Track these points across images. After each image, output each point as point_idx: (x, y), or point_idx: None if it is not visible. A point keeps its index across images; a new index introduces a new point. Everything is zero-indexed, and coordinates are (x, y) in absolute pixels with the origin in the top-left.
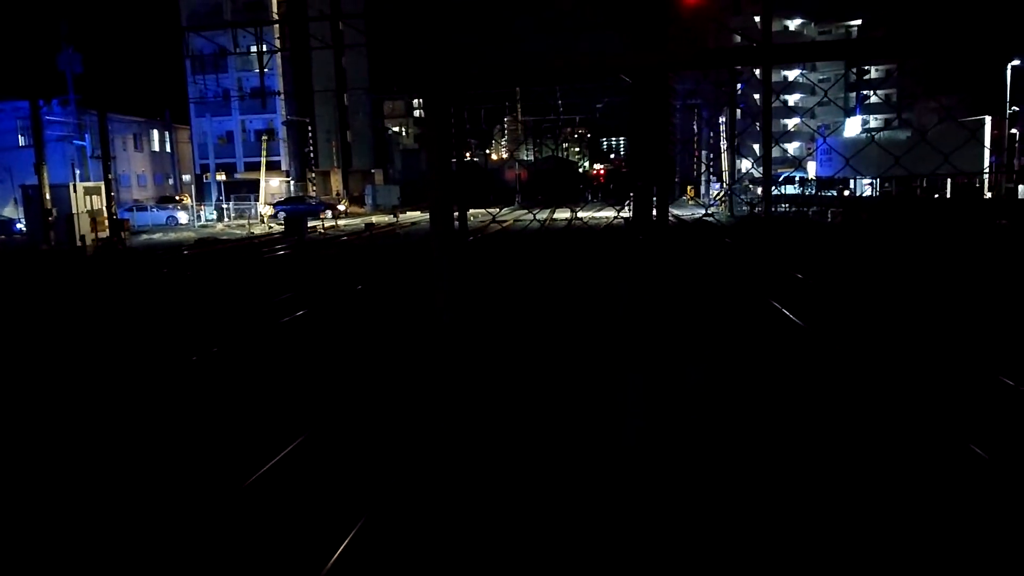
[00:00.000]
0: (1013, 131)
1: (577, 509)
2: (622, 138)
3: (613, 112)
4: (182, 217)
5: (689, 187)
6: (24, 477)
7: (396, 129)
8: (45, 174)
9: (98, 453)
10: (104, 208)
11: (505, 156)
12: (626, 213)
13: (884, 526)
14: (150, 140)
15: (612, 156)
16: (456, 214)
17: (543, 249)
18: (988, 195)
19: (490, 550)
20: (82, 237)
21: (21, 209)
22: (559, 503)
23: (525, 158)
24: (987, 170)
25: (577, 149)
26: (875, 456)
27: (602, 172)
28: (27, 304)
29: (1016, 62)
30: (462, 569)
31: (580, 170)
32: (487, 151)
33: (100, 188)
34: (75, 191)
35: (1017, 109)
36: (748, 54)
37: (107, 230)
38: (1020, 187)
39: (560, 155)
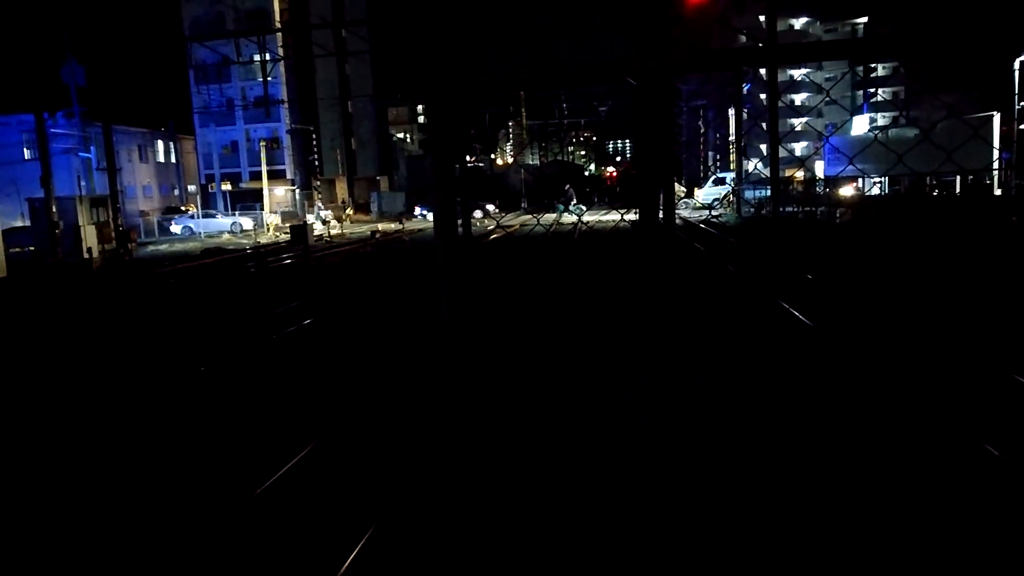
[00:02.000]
0: (1023, 127)
1: (585, 510)
2: (628, 141)
3: (618, 114)
4: (246, 223)
5: (696, 188)
6: (34, 486)
7: (401, 136)
8: (51, 187)
9: (108, 465)
10: (111, 219)
11: (510, 160)
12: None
13: (896, 523)
14: (155, 151)
15: (618, 159)
16: (460, 219)
17: (550, 253)
18: (998, 192)
19: (500, 550)
20: (88, 249)
21: (28, 222)
22: (568, 505)
23: (530, 162)
24: (993, 167)
25: (583, 152)
26: (887, 454)
27: (614, 174)
28: (34, 318)
29: None
30: (474, 569)
31: (586, 173)
32: (492, 156)
33: (106, 200)
34: (81, 203)
35: None
36: (753, 55)
37: (113, 241)
38: None
39: (565, 159)
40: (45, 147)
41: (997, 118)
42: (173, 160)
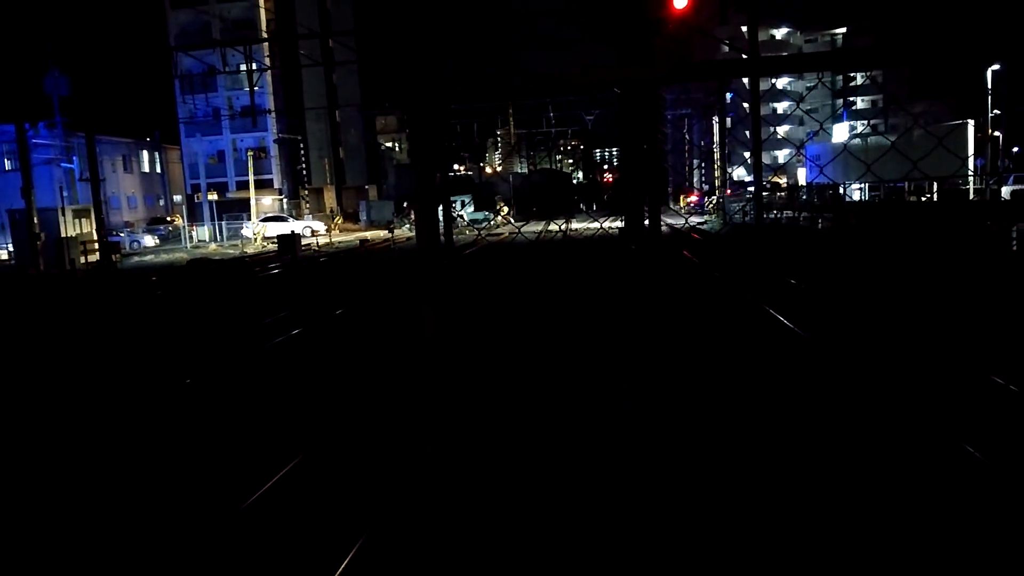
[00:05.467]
0: (996, 133)
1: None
2: (615, 149)
3: (605, 123)
4: (318, 226)
5: (682, 196)
6: (21, 496)
7: (389, 145)
8: (33, 198)
9: (92, 477)
10: (94, 231)
11: (499, 169)
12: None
13: (877, 524)
14: (139, 161)
15: (605, 167)
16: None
17: (537, 261)
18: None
19: (493, 554)
20: (71, 261)
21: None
22: (555, 509)
23: (519, 170)
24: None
25: (570, 161)
26: (869, 455)
27: (609, 180)
28: (12, 330)
29: (996, 67)
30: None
31: (574, 181)
32: (481, 164)
33: (89, 210)
34: (64, 214)
35: (999, 112)
36: (737, 66)
37: (97, 253)
38: (1004, 188)
39: (553, 167)
40: (26, 157)
41: (971, 125)
42: (158, 170)
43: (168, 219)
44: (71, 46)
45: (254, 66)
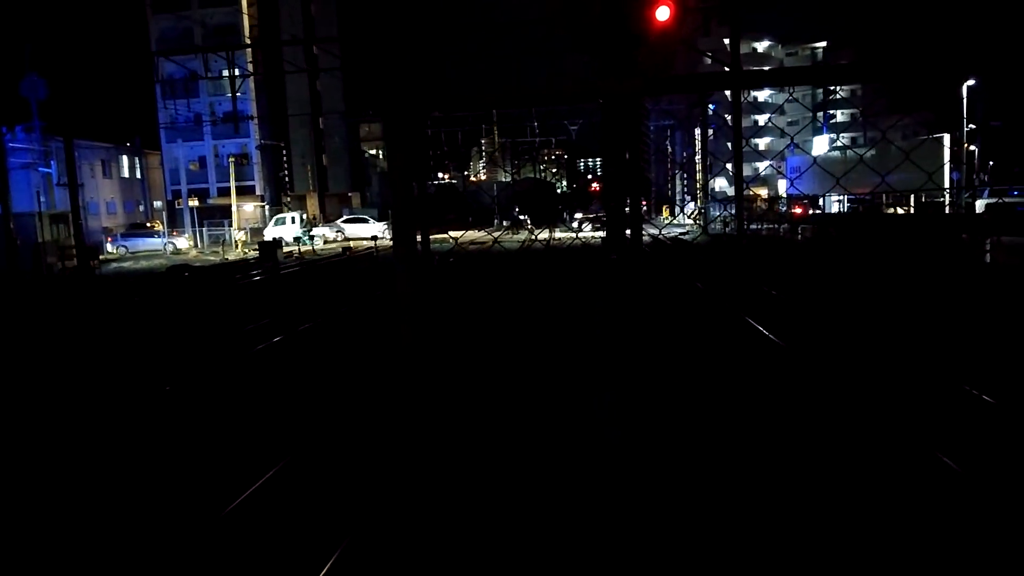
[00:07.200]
0: (972, 148)
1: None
2: (599, 158)
3: (589, 133)
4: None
5: (664, 206)
6: (6, 507)
7: (373, 152)
8: (9, 203)
9: (76, 483)
10: (72, 236)
11: (483, 177)
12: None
13: (852, 531)
14: (119, 166)
15: (588, 176)
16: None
17: (521, 269)
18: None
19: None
20: (48, 266)
21: None
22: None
23: (503, 179)
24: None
25: (554, 170)
26: (844, 463)
27: (597, 189)
28: None
29: (971, 82)
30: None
31: (559, 190)
32: (465, 172)
33: (67, 216)
34: (40, 220)
35: (974, 127)
36: (719, 79)
37: (75, 259)
38: (978, 202)
39: (537, 176)
40: (3, 161)
41: (947, 139)
42: (138, 176)
43: (148, 225)
44: (50, 49)
45: (237, 72)
